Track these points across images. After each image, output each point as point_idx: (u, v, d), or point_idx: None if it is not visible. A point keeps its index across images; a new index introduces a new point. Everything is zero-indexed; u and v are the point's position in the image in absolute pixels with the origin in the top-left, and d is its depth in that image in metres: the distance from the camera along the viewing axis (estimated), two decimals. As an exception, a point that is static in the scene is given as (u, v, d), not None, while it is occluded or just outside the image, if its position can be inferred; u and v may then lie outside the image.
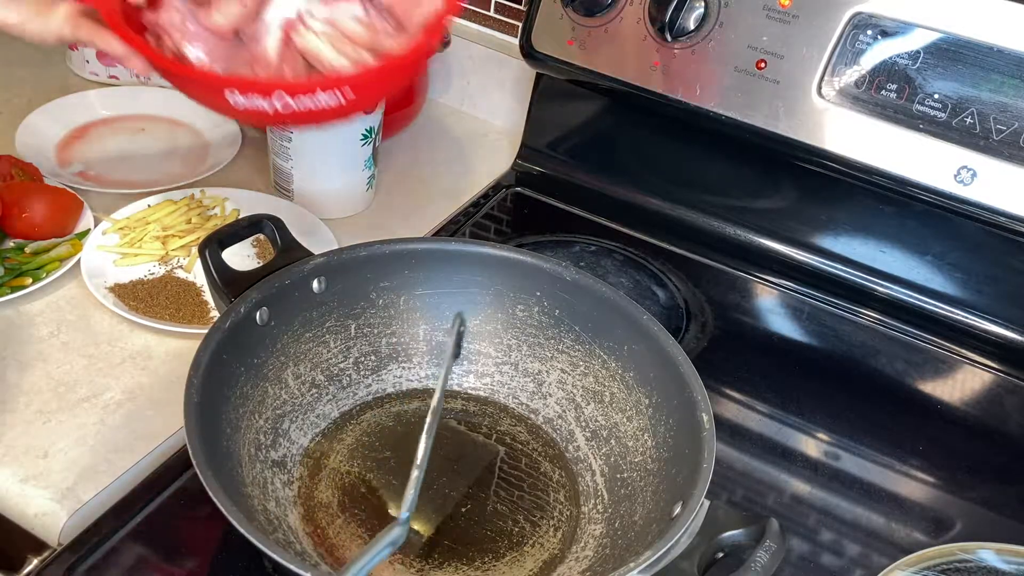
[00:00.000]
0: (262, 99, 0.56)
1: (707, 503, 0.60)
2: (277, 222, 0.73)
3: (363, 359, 0.76)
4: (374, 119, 0.95)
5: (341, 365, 0.75)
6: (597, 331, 0.76)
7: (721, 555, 0.60)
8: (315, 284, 0.72)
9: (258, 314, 0.68)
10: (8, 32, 0.64)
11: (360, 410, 0.75)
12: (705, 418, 0.65)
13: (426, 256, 0.76)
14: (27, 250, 0.86)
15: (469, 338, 0.78)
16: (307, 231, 0.93)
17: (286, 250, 0.72)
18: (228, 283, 0.69)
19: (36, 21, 0.64)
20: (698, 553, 0.59)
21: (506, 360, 0.79)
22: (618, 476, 0.72)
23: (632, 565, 0.56)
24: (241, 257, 0.90)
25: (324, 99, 0.57)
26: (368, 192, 1.01)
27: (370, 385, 0.77)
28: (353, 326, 0.75)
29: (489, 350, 0.79)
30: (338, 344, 0.75)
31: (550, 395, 0.78)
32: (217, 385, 0.63)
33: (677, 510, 0.61)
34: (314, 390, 0.73)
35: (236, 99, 0.56)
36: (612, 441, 0.74)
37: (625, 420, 0.73)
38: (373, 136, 0.96)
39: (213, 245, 0.70)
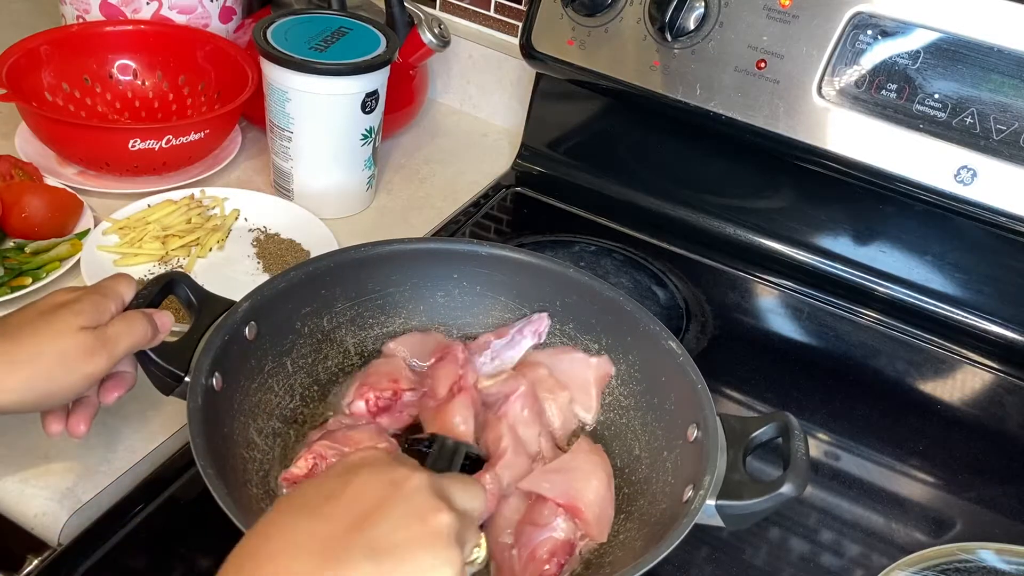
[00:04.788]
0: None
1: (718, 420, 0.63)
2: (185, 278, 0.68)
3: (307, 392, 0.73)
4: (374, 119, 0.95)
5: (291, 406, 0.72)
6: (522, 295, 0.76)
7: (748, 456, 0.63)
8: (247, 331, 0.67)
9: (214, 380, 0.63)
10: None
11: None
12: (674, 345, 0.68)
13: (338, 270, 0.73)
14: (27, 250, 0.86)
15: (387, 340, 0.77)
16: (307, 231, 0.92)
17: (205, 304, 0.68)
18: (166, 357, 0.64)
19: None
20: (739, 460, 0.61)
21: None
22: (596, 421, 0.74)
23: (703, 493, 0.58)
24: (242, 257, 0.90)
25: None
26: (368, 192, 1.01)
27: (323, 414, 0.73)
28: (288, 362, 0.72)
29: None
30: (281, 385, 0.71)
31: None
32: (215, 467, 0.58)
33: (694, 433, 0.63)
34: (278, 440, 0.69)
35: None
36: None
37: None
38: (373, 136, 0.96)
39: None
